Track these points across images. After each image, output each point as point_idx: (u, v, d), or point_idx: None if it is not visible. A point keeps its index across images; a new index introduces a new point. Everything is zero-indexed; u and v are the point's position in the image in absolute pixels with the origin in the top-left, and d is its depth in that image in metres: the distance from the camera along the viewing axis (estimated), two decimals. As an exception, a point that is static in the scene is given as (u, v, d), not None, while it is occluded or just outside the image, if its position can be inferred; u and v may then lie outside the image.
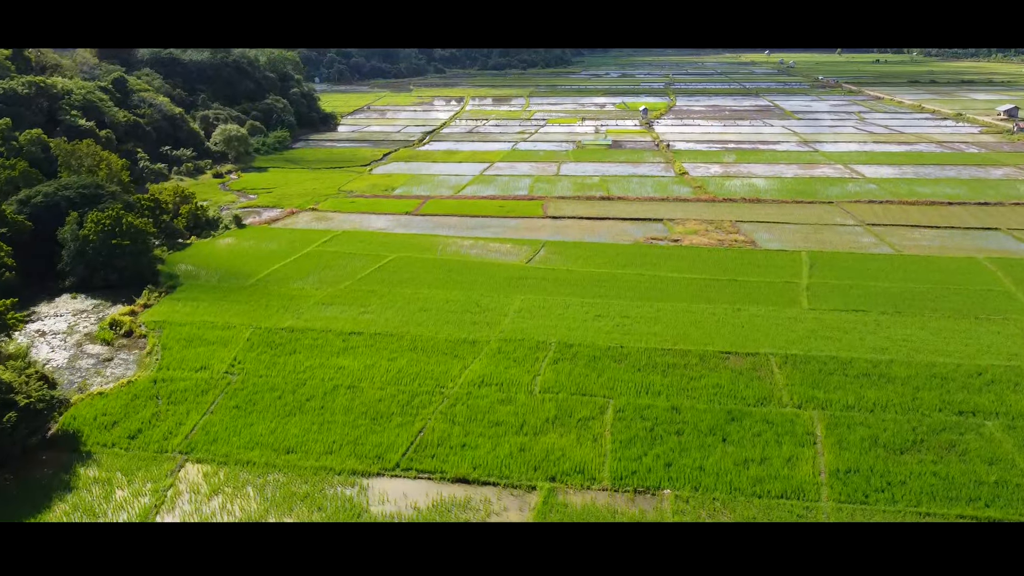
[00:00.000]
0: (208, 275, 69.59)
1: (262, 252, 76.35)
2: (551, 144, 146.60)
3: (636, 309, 58.84)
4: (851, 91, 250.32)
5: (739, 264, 70.37)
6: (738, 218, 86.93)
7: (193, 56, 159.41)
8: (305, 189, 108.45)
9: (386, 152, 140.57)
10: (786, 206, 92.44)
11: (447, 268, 70.15)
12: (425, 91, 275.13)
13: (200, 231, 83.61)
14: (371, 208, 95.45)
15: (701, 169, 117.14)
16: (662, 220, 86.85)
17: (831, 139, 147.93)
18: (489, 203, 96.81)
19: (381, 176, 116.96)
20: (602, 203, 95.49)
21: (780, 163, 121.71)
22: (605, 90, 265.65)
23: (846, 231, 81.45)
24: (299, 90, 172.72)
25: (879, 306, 59.03)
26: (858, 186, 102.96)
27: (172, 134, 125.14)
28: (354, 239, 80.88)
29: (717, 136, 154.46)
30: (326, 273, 69.11)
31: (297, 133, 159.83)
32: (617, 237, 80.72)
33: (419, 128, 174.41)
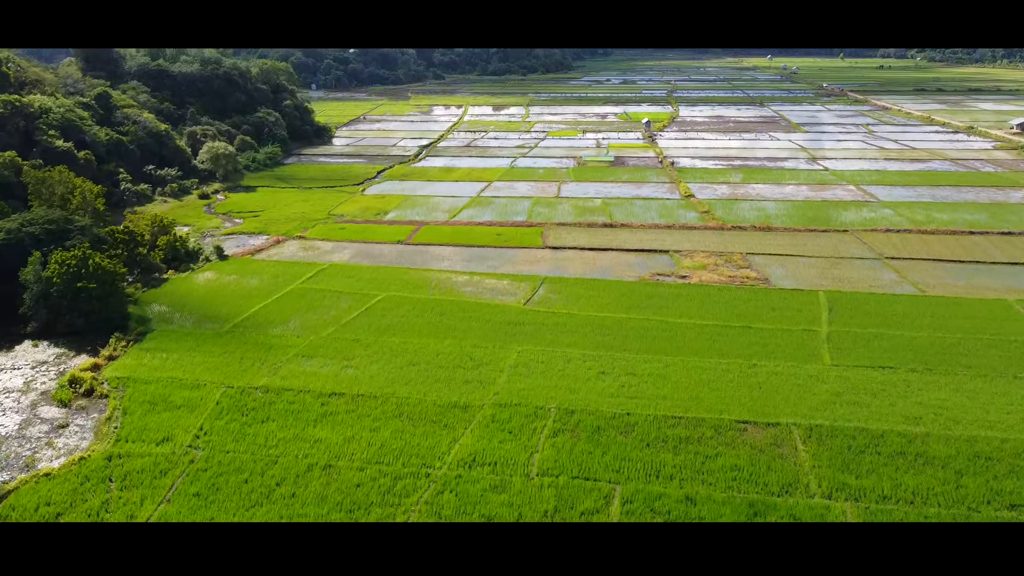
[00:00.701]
0: (183, 318, 64.77)
1: (243, 289, 71.56)
2: (551, 160, 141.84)
3: (643, 364, 54.03)
4: (857, 100, 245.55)
5: (752, 307, 65.53)
6: (749, 249, 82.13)
7: (182, 68, 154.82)
8: (294, 212, 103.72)
9: (380, 169, 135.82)
10: (799, 235, 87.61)
11: (439, 311, 65.33)
12: (423, 99, 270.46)
13: (179, 264, 78.79)
14: (361, 236, 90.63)
15: (708, 190, 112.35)
16: (668, 252, 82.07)
17: (840, 155, 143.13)
18: (486, 230, 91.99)
19: (374, 197, 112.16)
20: (604, 231, 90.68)
21: (789, 183, 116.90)
22: (606, 98, 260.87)
23: (864, 266, 76.62)
24: (292, 102, 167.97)
25: (907, 361, 54.21)
26: (873, 211, 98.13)
27: (157, 152, 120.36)
28: (342, 273, 76.10)
29: (722, 151, 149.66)
30: (309, 316, 64.33)
31: (290, 147, 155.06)
32: (621, 272, 75.91)
33: (415, 141, 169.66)
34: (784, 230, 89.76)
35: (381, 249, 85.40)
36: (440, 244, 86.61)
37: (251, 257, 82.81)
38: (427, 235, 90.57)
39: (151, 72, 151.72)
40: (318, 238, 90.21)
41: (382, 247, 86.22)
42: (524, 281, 73.18)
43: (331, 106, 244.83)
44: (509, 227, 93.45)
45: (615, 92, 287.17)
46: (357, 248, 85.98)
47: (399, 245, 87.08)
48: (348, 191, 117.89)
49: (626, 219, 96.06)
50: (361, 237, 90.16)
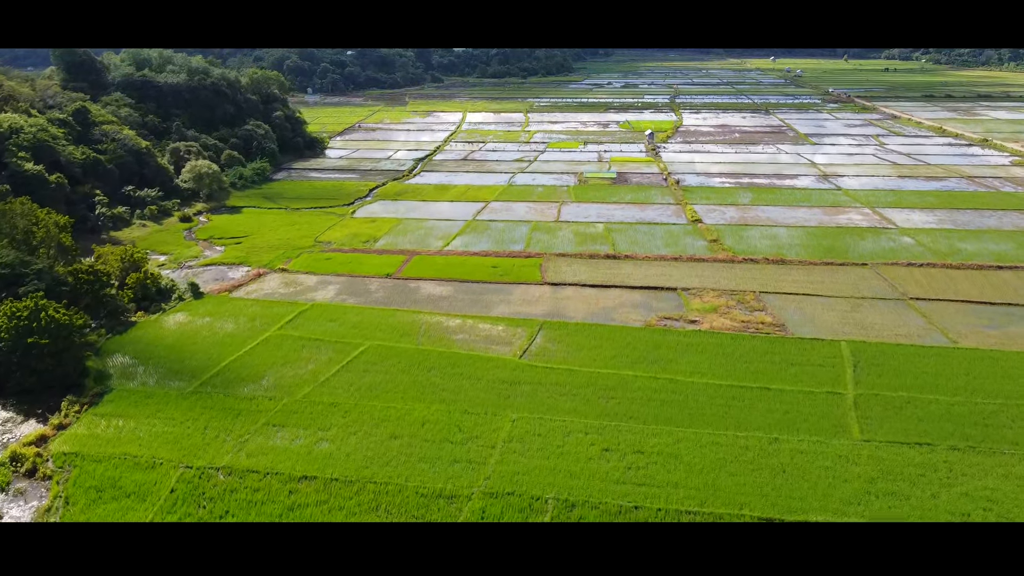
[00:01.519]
0: (146, 373, 59.20)
1: (216, 336, 66.00)
2: (551, 177, 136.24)
3: (651, 439, 48.45)
4: (864, 107, 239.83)
5: (770, 361, 59.91)
6: (762, 287, 76.52)
7: (169, 78, 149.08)
8: (278, 238, 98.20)
9: (373, 186, 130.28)
10: (815, 269, 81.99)
11: (427, 365, 59.74)
12: (421, 104, 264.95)
13: (150, 304, 73.20)
14: (348, 268, 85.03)
15: (715, 213, 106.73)
16: (676, 290, 76.47)
17: (852, 171, 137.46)
18: (481, 262, 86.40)
19: (364, 221, 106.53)
20: (607, 263, 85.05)
21: (801, 205, 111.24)
22: (607, 104, 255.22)
23: (887, 309, 70.98)
24: (283, 113, 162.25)
25: (946, 435, 48.63)
26: (891, 240, 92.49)
27: (138, 171, 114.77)
28: (324, 315, 70.51)
29: (729, 166, 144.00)
30: (285, 372, 58.77)
31: (279, 161, 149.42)
32: (625, 315, 70.31)
33: (411, 153, 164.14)
34: (799, 263, 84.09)
35: (368, 284, 79.81)
36: (432, 279, 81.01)
37: (228, 295, 77.20)
38: (418, 267, 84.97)
39: (136, 83, 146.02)
40: (302, 271, 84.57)
41: (370, 282, 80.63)
42: (521, 326, 67.58)
43: (326, 112, 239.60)
44: (505, 258, 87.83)
45: (617, 97, 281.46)
46: (343, 283, 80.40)
47: (388, 279, 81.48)
48: (337, 212, 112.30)
49: (630, 249, 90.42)
50: (348, 269, 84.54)
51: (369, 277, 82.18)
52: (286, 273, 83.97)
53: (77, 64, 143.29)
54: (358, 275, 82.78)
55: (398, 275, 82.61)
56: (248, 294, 77.49)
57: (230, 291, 78.19)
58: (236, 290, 78.65)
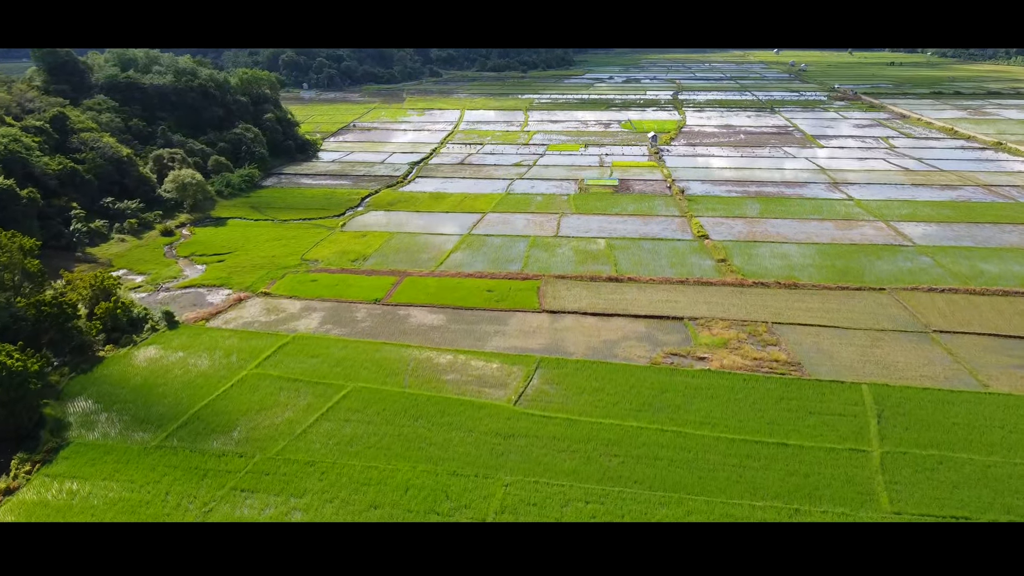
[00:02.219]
0: (109, 421, 54.51)
1: (188, 375, 61.27)
2: (550, 184, 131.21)
3: (659, 510, 43.83)
4: (872, 105, 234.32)
5: (786, 409, 55.16)
6: (774, 316, 71.72)
7: (154, 80, 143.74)
8: (263, 255, 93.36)
9: (365, 195, 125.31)
10: (830, 295, 77.13)
11: (414, 412, 55.04)
12: (418, 100, 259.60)
13: (120, 335, 68.48)
14: (335, 291, 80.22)
15: (722, 227, 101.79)
16: (683, 319, 71.68)
17: (863, 179, 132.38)
18: (475, 284, 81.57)
19: (354, 235, 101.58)
20: (609, 287, 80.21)
21: (811, 218, 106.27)
22: (609, 102, 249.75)
23: (910, 343, 66.16)
24: (274, 115, 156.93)
25: (984, 505, 44.01)
26: (909, 260, 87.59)
27: (118, 180, 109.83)
28: (306, 350, 65.75)
29: (735, 172, 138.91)
30: (259, 421, 54.07)
31: (269, 166, 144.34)
32: (629, 351, 65.51)
33: (406, 156, 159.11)
34: (812, 288, 79.20)
35: (355, 312, 75.00)
36: (423, 305, 76.21)
37: (205, 324, 72.41)
38: (409, 291, 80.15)
39: (120, 85, 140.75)
40: (285, 295, 79.74)
41: (356, 309, 75.83)
42: (517, 364, 62.82)
43: (321, 110, 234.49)
44: (502, 280, 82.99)
45: (619, 93, 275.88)
46: (328, 310, 75.61)
47: (376, 305, 76.69)
48: (327, 225, 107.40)
49: (634, 269, 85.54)
50: (334, 293, 79.73)
51: (356, 303, 77.36)
52: (268, 298, 79.13)
53: (59, 65, 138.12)
54: (344, 300, 77.95)
55: (387, 300, 77.77)
56: (226, 323, 72.68)
57: (207, 319, 73.36)
58: (214, 318, 73.83)
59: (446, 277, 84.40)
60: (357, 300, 77.92)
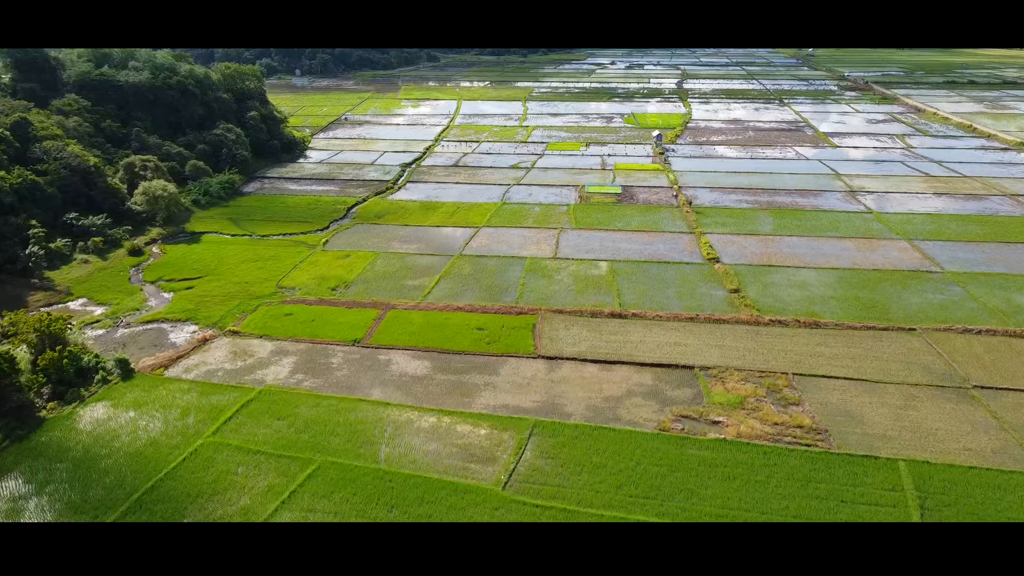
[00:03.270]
0: (39, 509, 47.87)
1: (136, 444, 54.34)
2: (549, 191, 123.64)
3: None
4: (885, 96, 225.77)
5: (813, 495, 48.19)
6: (795, 366, 64.62)
7: (130, 77, 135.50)
8: (237, 280, 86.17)
9: (352, 203, 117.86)
10: (855, 337, 69.93)
11: (389, 500, 48.12)
12: (414, 89, 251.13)
13: (67, 389, 61.48)
14: (310, 329, 73.11)
15: (733, 248, 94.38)
16: (694, 368, 64.59)
17: (881, 186, 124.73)
18: (465, 320, 74.41)
19: (336, 256, 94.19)
20: (612, 325, 73.02)
21: (830, 236, 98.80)
22: (611, 92, 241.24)
23: (948, 403, 59.04)
24: (259, 113, 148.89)
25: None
26: (939, 290, 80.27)
27: (85, 192, 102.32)
28: (272, 409, 58.76)
29: (745, 178, 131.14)
30: (211, 510, 47.31)
31: (252, 169, 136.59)
32: (634, 410, 58.46)
33: (398, 156, 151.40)
34: (835, 328, 71.97)
35: (331, 356, 67.87)
36: (406, 348, 69.09)
37: (163, 372, 65.33)
38: (392, 328, 72.98)
39: (93, 83, 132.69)
40: (255, 333, 72.58)
41: (333, 352, 68.71)
42: (508, 429, 55.82)
43: (313, 100, 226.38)
44: (494, 314, 75.80)
45: (621, 82, 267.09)
46: (301, 353, 68.50)
47: (355, 347, 69.58)
48: (309, 242, 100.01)
49: (638, 301, 78.28)
50: (309, 332, 72.58)
51: (333, 344, 70.22)
52: (237, 338, 71.96)
53: (28, 62, 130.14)
54: (320, 341, 70.80)
55: (367, 341, 70.62)
56: (187, 371, 65.57)
57: (166, 366, 66.25)
58: (174, 364, 66.72)
59: (433, 311, 77.14)
60: (334, 341, 70.75)
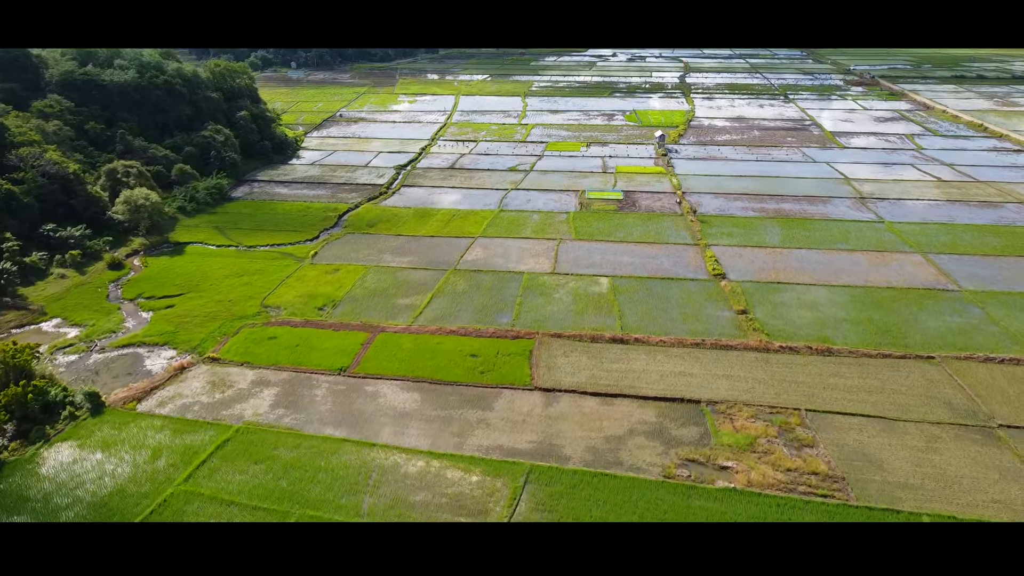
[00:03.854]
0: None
1: (101, 492, 50.57)
2: (548, 197, 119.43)
3: None
4: (892, 93, 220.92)
5: (833, 558, 44.09)
6: (808, 401, 60.76)
7: (115, 76, 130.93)
8: (220, 298, 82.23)
9: (344, 210, 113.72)
10: (870, 366, 65.97)
11: (370, 562, 43.97)
12: (411, 83, 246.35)
13: (32, 427, 57.65)
14: (294, 355, 69.20)
15: (740, 261, 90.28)
16: (700, 403, 60.70)
17: (892, 191, 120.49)
18: (458, 345, 70.46)
19: (325, 270, 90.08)
20: (613, 351, 69.07)
21: (840, 248, 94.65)
22: (612, 86, 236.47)
23: (974, 445, 55.16)
24: (249, 112, 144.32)
25: None
26: (957, 313, 76.29)
27: (64, 201, 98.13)
28: (249, 451, 54.94)
29: (750, 182, 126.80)
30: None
31: (242, 172, 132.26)
32: (637, 452, 54.60)
33: (393, 157, 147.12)
34: (849, 355, 67.99)
35: (315, 388, 63.93)
36: (395, 378, 65.18)
37: (136, 406, 61.43)
38: (381, 354, 69.04)
39: (76, 82, 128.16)
40: (236, 360, 68.64)
41: (318, 382, 64.78)
42: (501, 475, 51.99)
43: (308, 94, 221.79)
44: (488, 338, 71.83)
45: (622, 75, 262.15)
46: (284, 384, 64.58)
47: (341, 377, 65.66)
48: (297, 254, 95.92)
49: (641, 324, 74.29)
50: (293, 359, 68.63)
51: (318, 373, 66.28)
52: (216, 365, 68.01)
53: (9, 61, 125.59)
54: (304, 369, 66.86)
55: (353, 370, 66.68)
56: (161, 404, 61.65)
57: (140, 399, 62.36)
58: (148, 396, 62.83)
59: (425, 334, 73.13)
60: (319, 369, 66.80)
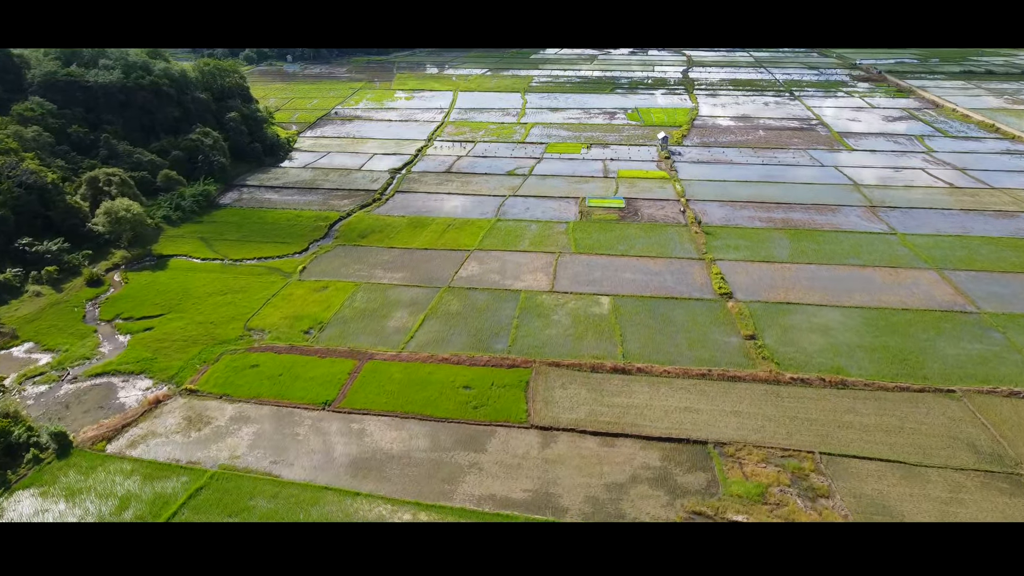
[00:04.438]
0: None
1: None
2: (547, 204, 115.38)
3: None
4: (900, 89, 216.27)
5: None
6: (822, 440, 57.07)
7: (100, 77, 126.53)
8: (202, 319, 78.54)
9: (335, 219, 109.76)
10: (887, 401, 62.17)
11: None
12: (409, 78, 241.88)
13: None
14: (275, 389, 65.41)
15: (748, 279, 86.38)
16: (707, 444, 56.93)
17: (904, 198, 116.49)
18: (451, 375, 66.73)
19: (313, 287, 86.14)
20: (615, 383, 65.25)
21: (851, 265, 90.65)
22: (614, 81, 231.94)
23: (1001, 497, 51.47)
24: (240, 113, 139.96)
25: None
26: (976, 337, 72.48)
27: (41, 212, 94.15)
28: (223, 502, 51.25)
29: (756, 188, 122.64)
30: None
31: (231, 176, 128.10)
32: (640, 505, 50.91)
33: (387, 160, 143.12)
34: (864, 387, 64.11)
35: (298, 425, 60.15)
36: (382, 413, 61.46)
37: (105, 446, 57.65)
38: (369, 385, 65.26)
39: (59, 84, 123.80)
40: (214, 393, 64.82)
41: (301, 419, 61.01)
42: (493, 530, 47.87)
43: (303, 90, 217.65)
44: (483, 367, 68.00)
45: (624, 69, 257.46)
46: (265, 419, 60.82)
47: (325, 411, 61.92)
48: (284, 269, 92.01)
49: (644, 351, 70.44)
50: (275, 391, 64.84)
51: (301, 408, 62.48)
52: (194, 398, 64.17)
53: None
54: (287, 403, 63.05)
55: (339, 404, 62.89)
56: (133, 444, 57.85)
57: (111, 438, 58.58)
58: (120, 434, 59.05)
59: (416, 362, 69.26)
60: (302, 403, 62.99)
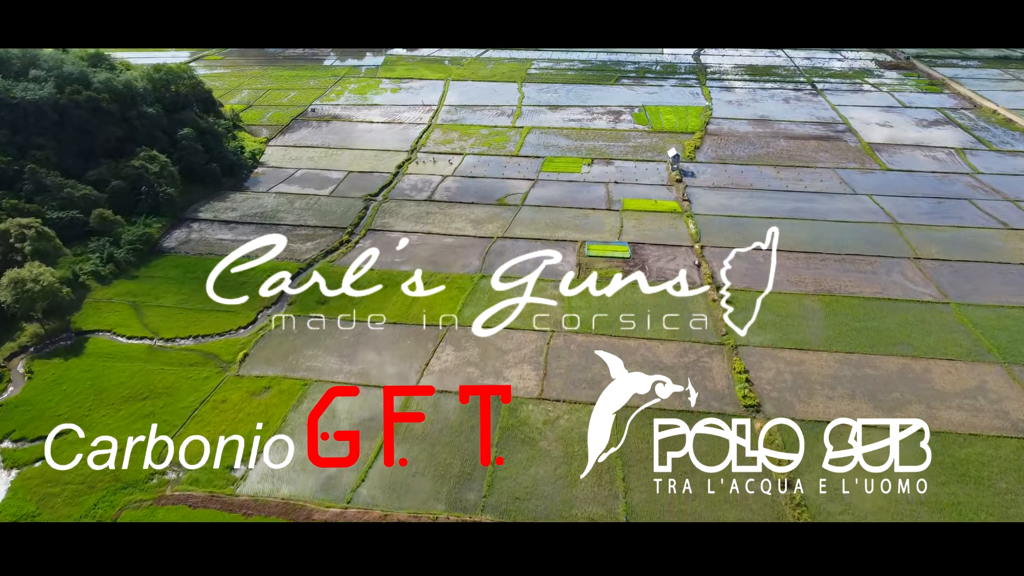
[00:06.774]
0: None
1: None
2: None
3: None
4: (930, 82, 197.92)
5: None
6: None
7: (29, 92, 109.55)
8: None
9: (294, 272, 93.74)
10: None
11: None
12: (398, 62, 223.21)
13: None
14: None
15: (778, 378, 71.38)
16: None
17: (951, 244, 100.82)
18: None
19: (250, 390, 71.11)
20: None
21: (902, 355, 75.46)
22: (619, 68, 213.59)
23: None
24: (195, 127, 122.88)
25: None
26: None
27: (-67, 283, 78.36)
28: None
29: (783, 230, 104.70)
30: None
31: (182, 206, 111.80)
32: None
33: (364, 177, 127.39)
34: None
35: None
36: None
37: None
38: (298, 575, 50.18)
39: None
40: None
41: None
42: None
43: (280, 78, 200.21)
44: (448, 541, 52.81)
45: (630, 53, 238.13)
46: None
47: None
48: (223, 356, 77.06)
49: (650, 507, 55.47)
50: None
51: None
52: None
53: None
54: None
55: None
56: None
57: None
58: (-41, 672, 44.14)
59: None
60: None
